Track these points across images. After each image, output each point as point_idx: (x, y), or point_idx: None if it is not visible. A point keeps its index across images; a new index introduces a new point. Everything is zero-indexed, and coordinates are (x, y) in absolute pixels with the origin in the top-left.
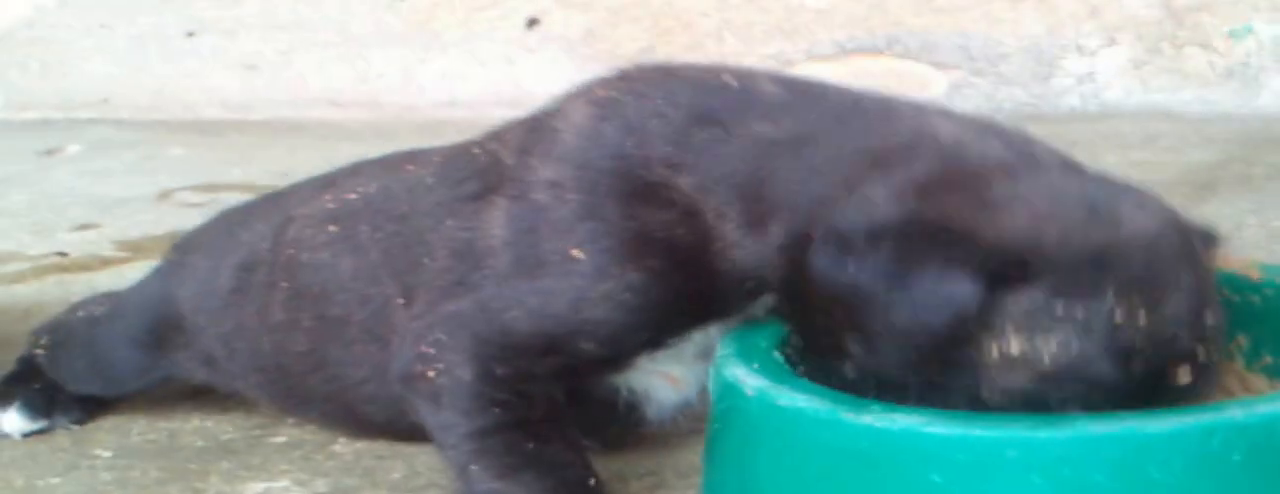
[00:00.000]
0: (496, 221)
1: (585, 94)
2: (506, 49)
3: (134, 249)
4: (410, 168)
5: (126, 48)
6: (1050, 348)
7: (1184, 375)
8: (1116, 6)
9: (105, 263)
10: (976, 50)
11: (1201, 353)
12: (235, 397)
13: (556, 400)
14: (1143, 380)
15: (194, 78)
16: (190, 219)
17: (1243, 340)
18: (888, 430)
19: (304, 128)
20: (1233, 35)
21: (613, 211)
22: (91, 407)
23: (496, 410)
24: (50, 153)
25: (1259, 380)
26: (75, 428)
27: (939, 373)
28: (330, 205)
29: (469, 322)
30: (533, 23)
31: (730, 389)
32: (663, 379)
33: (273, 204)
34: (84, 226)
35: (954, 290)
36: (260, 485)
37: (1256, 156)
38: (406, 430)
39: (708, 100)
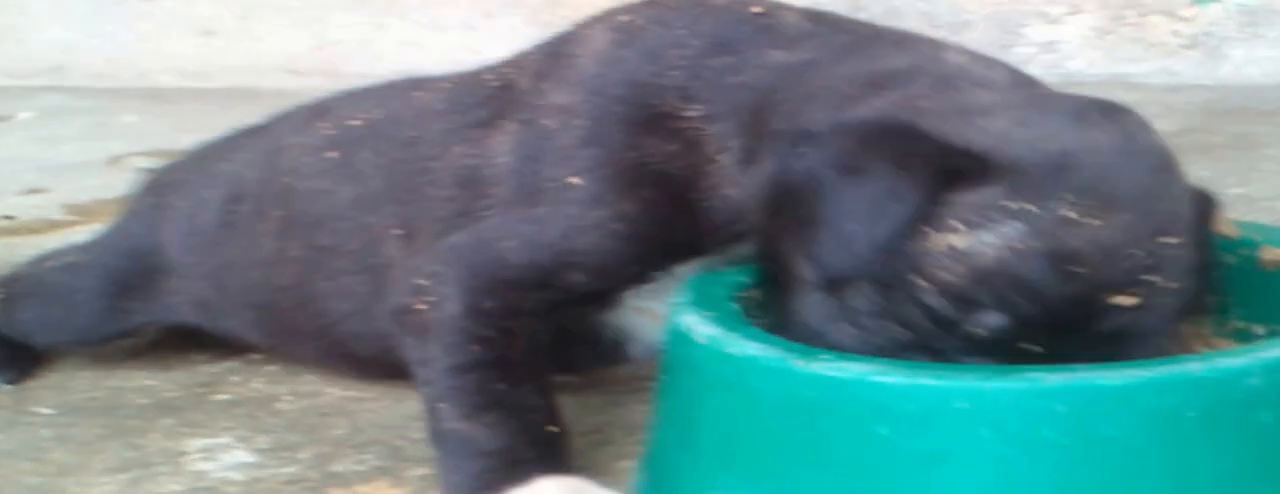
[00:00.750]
0: (503, 147)
1: (607, 19)
2: (466, 15)
3: (83, 213)
4: (418, 94)
5: (83, 13)
6: (992, 242)
7: (1129, 299)
8: None
9: (53, 226)
10: (941, 17)
11: (1150, 278)
12: (230, 342)
13: (538, 341)
14: (1083, 294)
15: (150, 42)
16: None
17: (1210, 301)
18: (836, 379)
19: (260, 95)
20: (1197, 3)
21: (616, 139)
22: (27, 366)
23: (476, 348)
24: (1, 120)
25: (1226, 346)
26: (10, 388)
27: (883, 268)
28: (330, 132)
29: (466, 253)
30: None
31: (681, 338)
32: (647, 317)
33: (254, 137)
34: (33, 190)
35: (905, 185)
36: (202, 442)
37: (1217, 126)
38: (394, 366)
39: (728, 29)
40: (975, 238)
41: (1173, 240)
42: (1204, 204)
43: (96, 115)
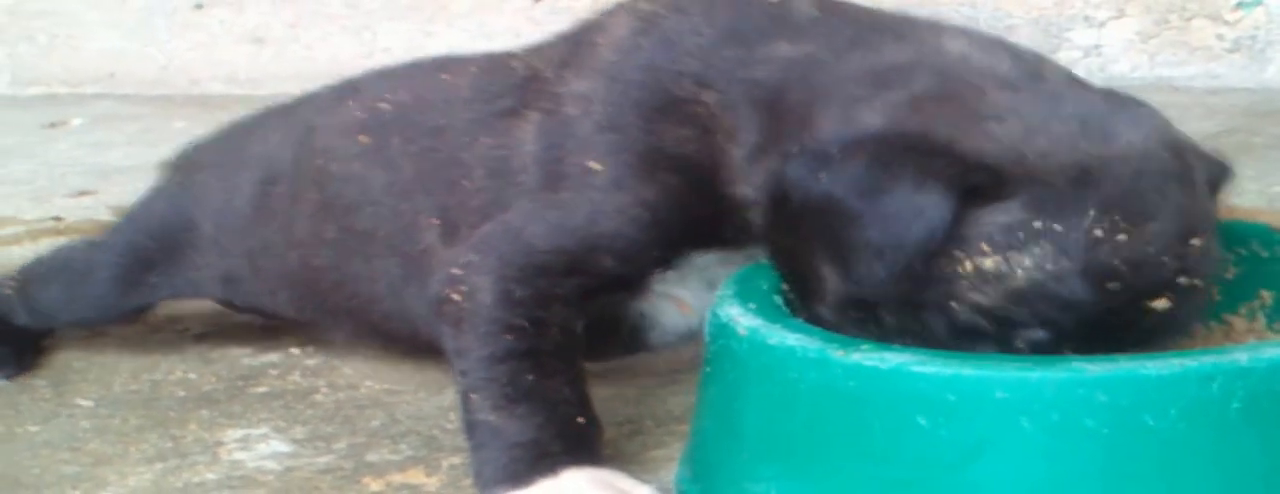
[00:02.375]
0: (528, 137)
1: (629, 7)
2: (514, 22)
3: None
4: (445, 77)
5: (134, 21)
6: (1023, 265)
7: (1163, 302)
8: None
9: (100, 227)
10: (985, 21)
11: (1185, 280)
12: (256, 320)
13: (572, 330)
14: (1119, 305)
15: (201, 51)
16: None
17: (1266, 297)
18: (876, 369)
19: None
20: (1242, 7)
21: (634, 125)
22: (26, 362)
23: (509, 337)
24: (53, 126)
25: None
26: (44, 383)
27: (913, 290)
28: (359, 114)
29: (496, 242)
30: None
31: (723, 329)
32: (672, 304)
33: (285, 116)
34: (82, 193)
35: (927, 202)
36: (239, 432)
37: (1259, 127)
38: (428, 345)
39: (740, 18)
40: (1004, 260)
41: (1201, 240)
42: (1218, 172)
43: (146, 122)
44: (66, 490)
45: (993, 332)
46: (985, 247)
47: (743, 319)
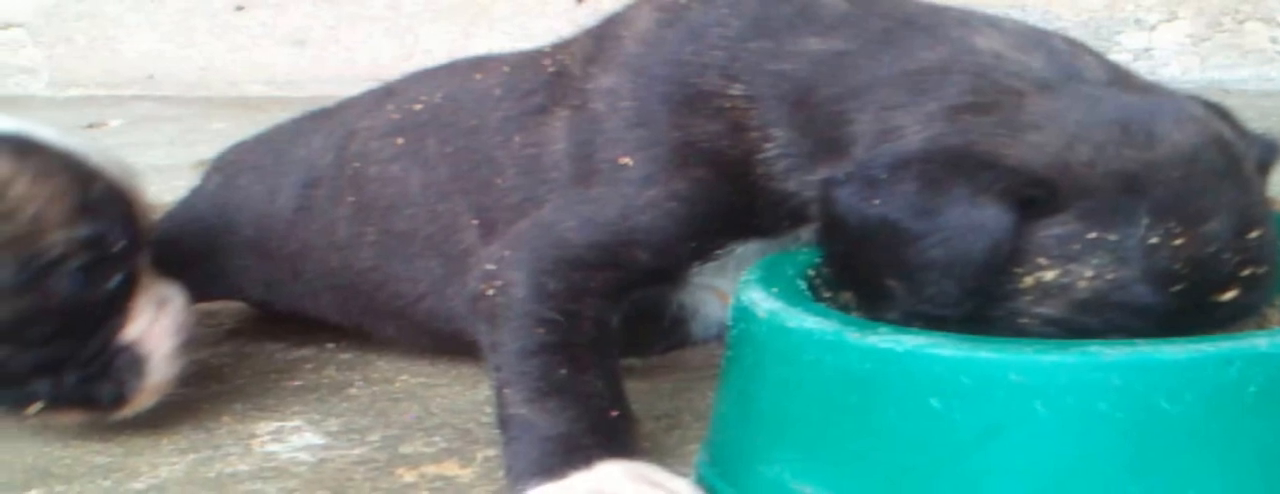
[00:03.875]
0: (559, 134)
1: (652, 0)
2: (555, 24)
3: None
4: (478, 77)
5: (173, 23)
6: (1084, 275)
7: (1231, 294)
8: None
9: None
10: (1034, 24)
11: (1248, 271)
12: (297, 320)
13: (606, 324)
14: (1186, 304)
15: (241, 53)
16: None
17: None
18: (891, 351)
19: None
20: None
21: (663, 119)
22: None
23: (541, 331)
24: (92, 127)
25: None
26: None
27: (981, 306)
28: (395, 116)
29: (530, 238)
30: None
31: (744, 313)
32: (712, 295)
33: (326, 119)
34: None
35: (985, 218)
36: (273, 424)
37: None
38: (473, 343)
39: (768, 10)
40: (1064, 272)
41: (1260, 231)
42: (1266, 151)
43: (186, 122)
44: (97, 481)
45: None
46: (1043, 260)
47: (763, 303)
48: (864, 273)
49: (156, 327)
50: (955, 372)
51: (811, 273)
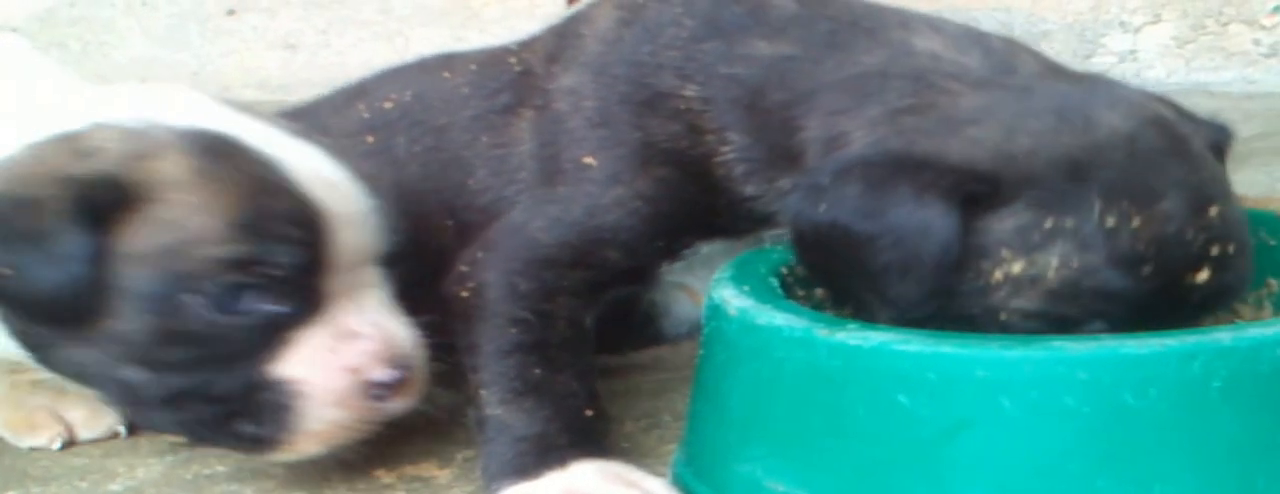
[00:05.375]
0: (525, 134)
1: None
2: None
3: None
4: (446, 75)
5: (166, 27)
6: (1051, 264)
7: (1202, 275)
8: None
9: None
10: (1019, 27)
11: (1217, 249)
12: None
13: (580, 323)
14: (1161, 285)
15: (233, 57)
16: None
17: (1274, 284)
18: (859, 348)
19: None
20: (1278, 12)
21: (623, 119)
22: None
23: (515, 331)
24: None
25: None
26: None
27: (958, 304)
28: (365, 115)
29: (501, 239)
30: (573, 0)
31: (716, 311)
32: (683, 293)
33: (300, 118)
34: None
35: (931, 217)
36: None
37: None
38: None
39: (720, 11)
40: (1031, 262)
41: (1219, 207)
42: (1219, 134)
43: None
44: (74, 482)
45: (1053, 332)
46: (1006, 253)
47: (734, 300)
48: (836, 282)
49: (324, 365)
50: (922, 368)
51: (784, 271)
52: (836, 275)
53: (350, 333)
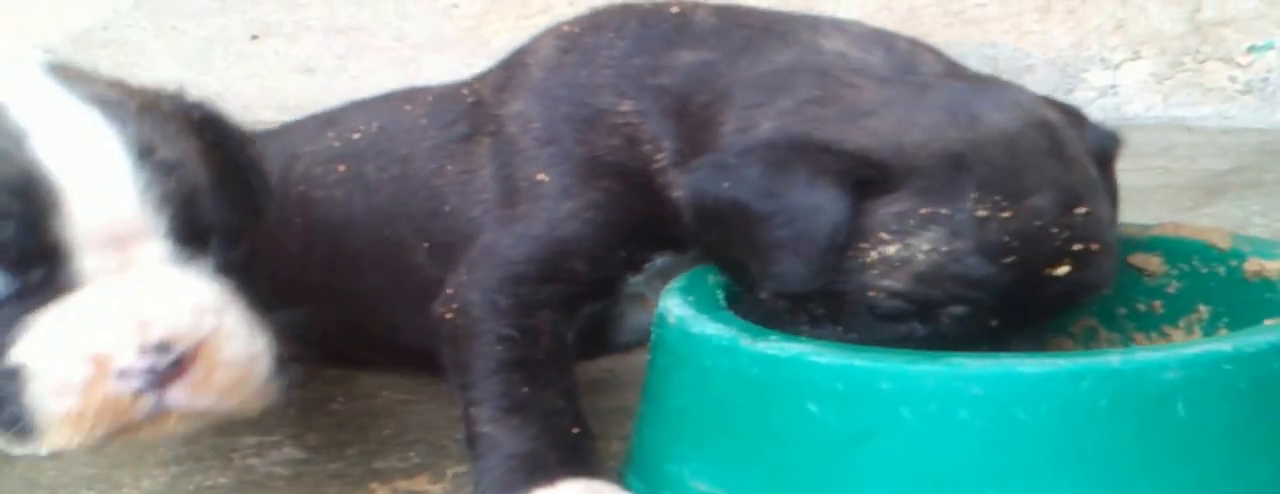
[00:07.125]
0: (484, 159)
1: (554, 31)
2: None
3: None
4: (407, 108)
5: (194, 51)
6: (922, 248)
7: (1063, 268)
8: (1143, 21)
9: None
10: (1003, 62)
11: (1079, 246)
12: None
13: (562, 338)
14: (1022, 276)
15: (255, 80)
16: None
17: (1204, 311)
18: (777, 357)
19: None
20: (1254, 51)
21: (568, 137)
22: None
23: (500, 348)
24: None
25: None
26: None
27: (832, 282)
28: (336, 144)
29: (477, 261)
30: None
31: (659, 319)
32: (638, 302)
33: (272, 141)
34: None
35: (825, 198)
36: (255, 439)
37: (1269, 165)
38: (424, 356)
39: (647, 30)
40: (904, 246)
41: (1086, 208)
42: (1107, 142)
43: None
44: (82, 492)
45: (916, 313)
46: (884, 235)
47: (676, 309)
48: (723, 253)
49: (58, 351)
50: (831, 378)
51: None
52: (728, 249)
53: (101, 316)
